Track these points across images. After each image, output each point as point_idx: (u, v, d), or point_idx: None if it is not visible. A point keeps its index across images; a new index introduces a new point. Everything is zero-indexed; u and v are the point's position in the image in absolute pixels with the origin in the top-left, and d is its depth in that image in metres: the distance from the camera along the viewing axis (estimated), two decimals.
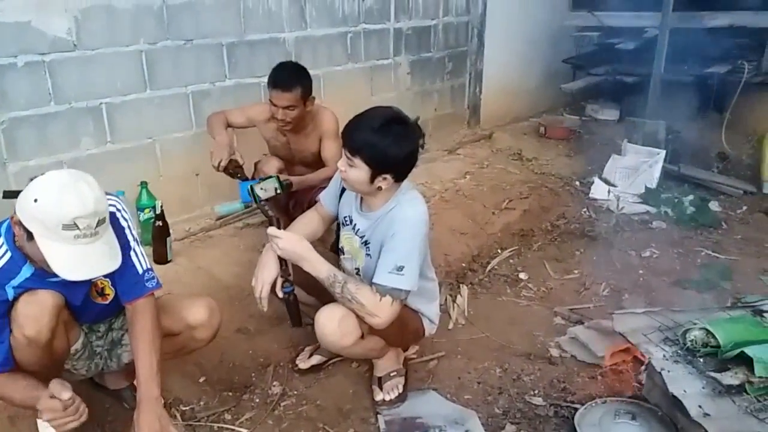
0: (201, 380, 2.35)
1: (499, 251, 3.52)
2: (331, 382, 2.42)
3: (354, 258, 2.17)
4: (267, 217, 2.16)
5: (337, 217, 2.28)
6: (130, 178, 3.01)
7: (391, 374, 2.32)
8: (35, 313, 1.64)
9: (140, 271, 1.83)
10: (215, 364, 2.42)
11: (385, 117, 1.95)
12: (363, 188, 2.03)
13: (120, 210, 1.81)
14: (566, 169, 4.69)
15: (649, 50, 4.62)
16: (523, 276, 3.28)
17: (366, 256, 2.12)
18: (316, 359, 2.47)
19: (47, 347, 1.69)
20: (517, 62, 5.49)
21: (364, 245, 2.11)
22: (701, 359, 2.00)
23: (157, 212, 2.84)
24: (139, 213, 2.98)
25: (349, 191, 2.15)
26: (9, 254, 1.63)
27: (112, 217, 1.70)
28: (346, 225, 2.19)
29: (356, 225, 2.14)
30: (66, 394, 1.57)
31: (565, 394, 2.34)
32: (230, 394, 2.32)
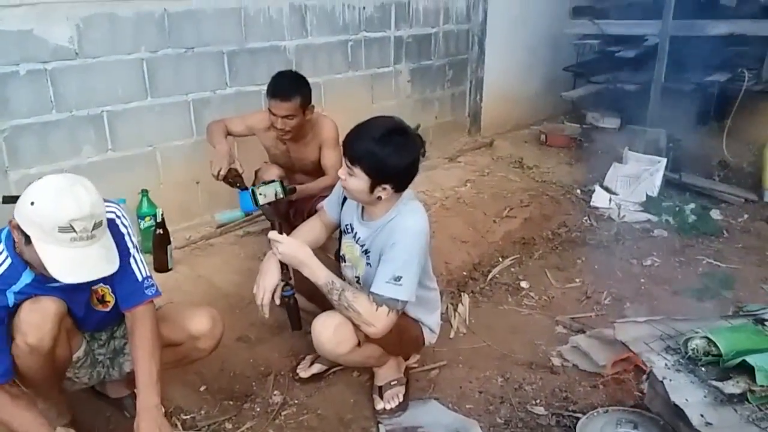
0: (202, 389, 2.34)
1: (500, 259, 3.52)
2: (332, 391, 2.41)
3: (354, 266, 2.17)
4: (269, 220, 2.16)
5: (340, 224, 2.28)
6: (131, 186, 3.01)
7: (392, 383, 2.32)
8: (38, 321, 1.64)
9: (139, 279, 1.83)
10: (216, 373, 2.42)
11: (385, 127, 1.95)
12: (363, 197, 2.03)
13: (120, 217, 1.81)
14: (567, 177, 4.69)
15: (650, 58, 4.64)
16: (524, 284, 3.27)
17: (366, 265, 2.12)
18: (316, 368, 2.46)
19: (49, 355, 1.69)
20: (517, 70, 5.49)
21: (365, 254, 2.11)
22: (703, 368, 1.99)
23: (158, 220, 2.85)
24: (139, 221, 2.98)
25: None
26: (9, 260, 1.64)
27: (111, 224, 1.70)
28: (348, 233, 2.19)
29: (357, 234, 2.14)
30: None
31: (566, 404, 2.34)
32: (231, 403, 2.31)
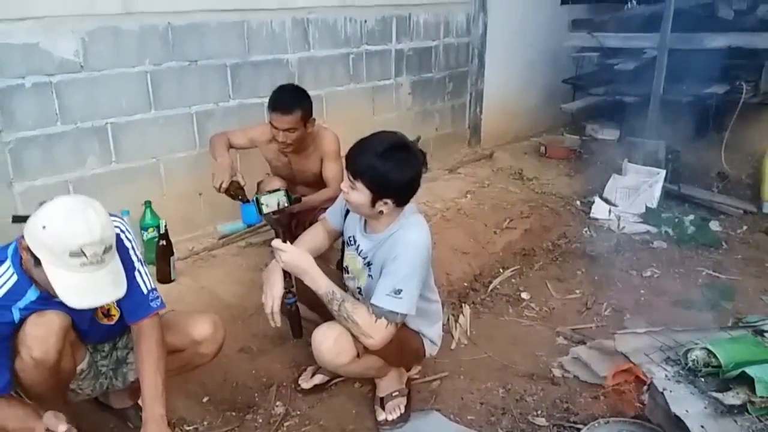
0: (204, 400, 2.35)
1: (500, 270, 3.53)
2: (334, 403, 2.41)
3: (357, 277, 2.19)
4: (273, 229, 2.18)
5: (342, 233, 2.30)
6: (134, 198, 3.03)
7: (394, 394, 2.32)
8: (43, 335, 1.65)
9: (145, 291, 1.84)
10: (219, 384, 2.42)
11: (388, 142, 1.96)
12: (364, 211, 2.05)
13: (124, 231, 1.83)
14: (567, 188, 4.71)
15: (648, 71, 4.65)
16: (525, 295, 3.28)
17: (368, 277, 2.13)
18: (318, 379, 2.46)
19: (54, 368, 1.70)
20: (517, 82, 5.54)
21: (367, 266, 2.13)
22: (703, 379, 2.01)
23: (161, 231, 2.86)
24: (142, 232, 3.00)
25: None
26: (15, 277, 1.65)
27: (116, 239, 1.71)
28: (350, 245, 2.21)
29: (359, 246, 2.16)
30: (62, 427, 1.55)
31: (567, 415, 2.34)
32: (233, 414, 2.31)
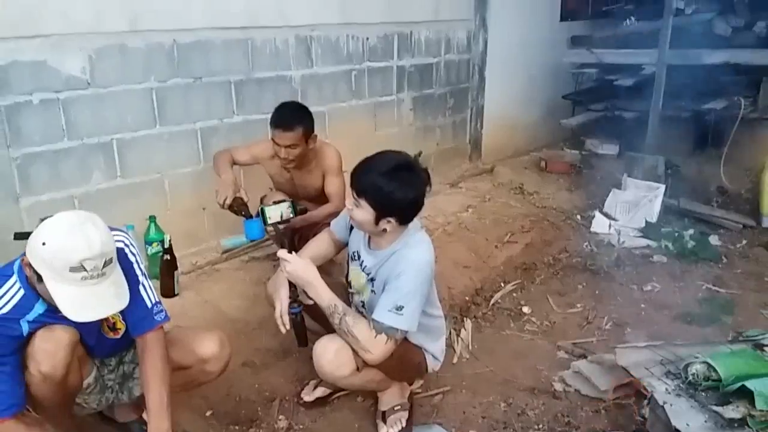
0: (208, 414, 2.36)
1: (502, 285, 3.54)
2: (337, 417, 2.42)
3: (360, 293, 2.21)
4: (278, 239, 2.20)
5: (347, 245, 2.32)
6: (139, 212, 3.06)
7: (395, 408, 2.34)
8: (51, 349, 1.67)
9: (149, 305, 1.86)
10: (222, 398, 2.43)
11: (393, 162, 1.99)
12: (368, 228, 2.07)
13: (128, 245, 1.85)
14: (567, 203, 4.74)
15: (647, 86, 4.69)
16: (526, 310, 3.29)
17: (371, 292, 2.15)
18: (320, 391, 2.48)
19: (61, 383, 1.72)
20: (517, 98, 5.57)
21: (370, 282, 2.15)
22: (703, 393, 2.02)
23: (165, 246, 2.89)
24: (147, 247, 3.02)
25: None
26: (22, 291, 1.67)
27: (120, 253, 1.73)
28: (354, 260, 2.23)
29: (363, 262, 2.18)
30: None
31: (569, 429, 2.35)
32: (237, 427, 2.32)
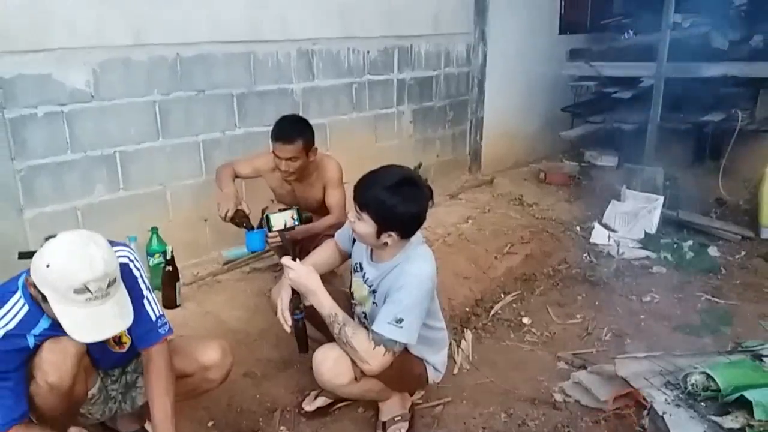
0: (209, 424, 2.36)
1: (502, 295, 3.56)
2: (338, 427, 2.43)
3: (362, 304, 2.23)
4: (283, 245, 2.22)
5: (351, 256, 2.34)
6: (141, 224, 3.08)
7: (396, 419, 2.34)
8: (58, 360, 1.68)
9: (153, 319, 1.88)
10: (223, 409, 2.44)
11: (396, 177, 2.01)
12: (370, 241, 2.09)
13: (132, 260, 1.87)
14: (567, 214, 4.76)
15: (646, 99, 4.74)
16: (526, 320, 3.31)
17: (372, 304, 2.17)
18: (321, 401, 2.48)
19: (67, 393, 1.73)
20: (516, 110, 5.62)
21: (372, 294, 2.17)
22: (702, 403, 2.04)
23: (167, 257, 2.91)
24: (149, 258, 3.04)
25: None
26: (27, 307, 1.68)
27: (125, 268, 1.75)
28: (357, 272, 2.25)
29: (366, 274, 2.20)
30: None
31: None
32: None
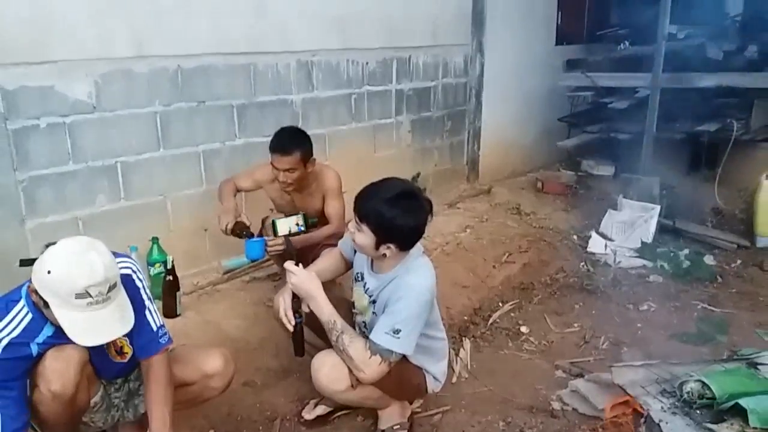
0: None
1: (500, 304, 3.58)
2: None
3: (363, 313, 2.25)
4: (288, 251, 2.25)
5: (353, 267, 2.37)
6: (142, 234, 3.10)
7: (395, 427, 2.36)
8: (62, 368, 1.70)
9: (154, 329, 1.91)
10: (223, 417, 2.45)
11: (396, 189, 2.04)
12: (369, 252, 2.12)
13: (135, 271, 1.89)
14: (564, 223, 4.78)
15: (641, 109, 4.77)
16: (524, 329, 3.32)
17: (372, 314, 2.19)
18: (320, 409, 2.50)
19: (70, 401, 1.75)
20: (513, 120, 5.65)
21: (372, 304, 2.19)
22: (698, 411, 2.06)
23: (168, 267, 2.93)
24: (149, 268, 3.06)
25: None
26: (30, 315, 1.71)
27: (127, 279, 1.78)
28: (358, 281, 2.28)
29: (366, 284, 2.22)
30: None
31: None
32: None
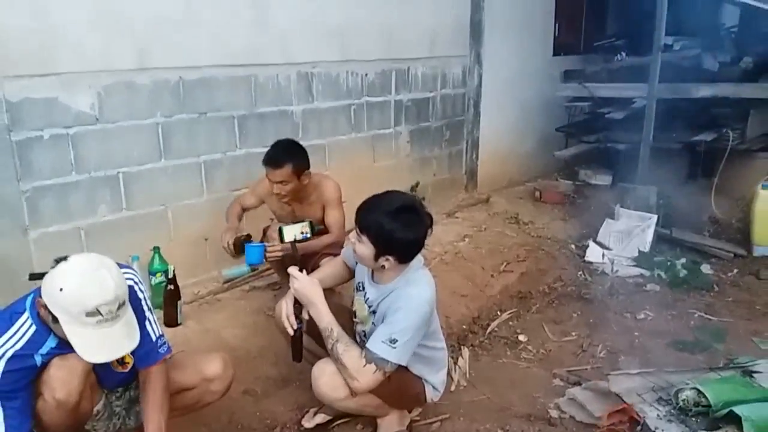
0: None
1: (498, 313, 3.60)
2: None
3: (363, 323, 2.28)
4: (293, 257, 2.28)
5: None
6: (143, 243, 3.13)
7: None
8: (66, 377, 1.73)
9: (154, 339, 1.93)
10: (224, 426, 2.47)
11: (398, 203, 2.07)
12: (368, 263, 2.15)
13: (137, 283, 1.92)
14: (562, 232, 4.81)
15: (638, 119, 4.80)
16: (522, 338, 3.35)
17: (372, 324, 2.22)
18: (320, 418, 2.51)
19: (74, 410, 1.77)
20: (511, 130, 5.69)
21: (372, 314, 2.22)
22: (693, 418, 2.08)
23: (169, 277, 2.96)
24: (151, 277, 3.09)
25: None
26: (34, 327, 1.73)
27: (130, 290, 1.80)
28: (359, 291, 2.30)
29: (366, 294, 2.25)
30: None
31: None
32: None
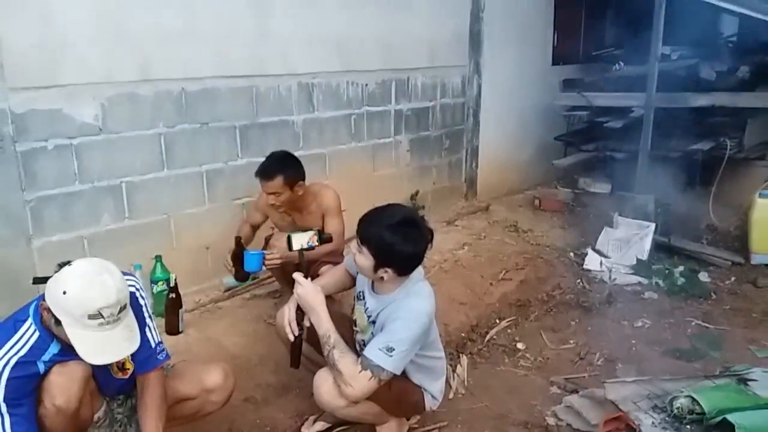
0: None
1: (497, 321, 3.62)
2: None
3: (363, 332, 2.30)
4: (299, 263, 2.32)
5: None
6: (146, 252, 3.16)
7: None
8: (66, 383, 1.76)
9: (153, 345, 1.97)
10: None
11: (398, 216, 2.10)
12: (368, 274, 2.18)
13: (138, 289, 1.96)
14: (561, 240, 4.83)
15: (636, 128, 4.82)
16: (520, 346, 3.37)
17: (371, 334, 2.24)
18: (319, 425, 2.54)
19: (74, 416, 1.80)
20: (511, 139, 5.74)
21: (371, 324, 2.24)
22: (688, 426, 2.11)
23: (171, 285, 2.99)
24: (153, 285, 3.12)
25: None
26: (37, 334, 1.77)
27: (131, 297, 1.83)
28: (360, 300, 2.33)
29: (366, 303, 2.28)
30: None
31: None
32: None
